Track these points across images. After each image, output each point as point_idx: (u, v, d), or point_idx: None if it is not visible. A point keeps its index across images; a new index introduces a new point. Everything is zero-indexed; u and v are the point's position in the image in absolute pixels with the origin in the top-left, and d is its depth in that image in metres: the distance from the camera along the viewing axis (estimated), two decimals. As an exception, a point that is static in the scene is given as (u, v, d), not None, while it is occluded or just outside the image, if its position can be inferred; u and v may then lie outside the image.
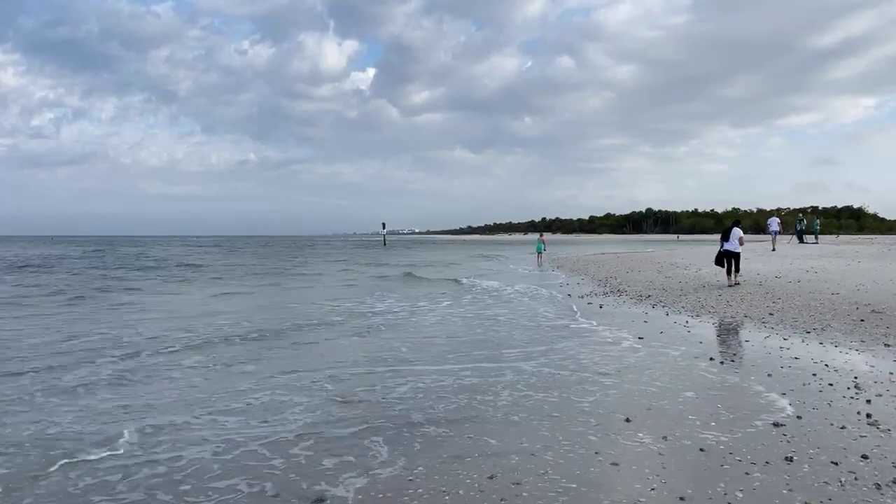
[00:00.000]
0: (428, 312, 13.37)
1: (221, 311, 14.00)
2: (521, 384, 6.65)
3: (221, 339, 9.79)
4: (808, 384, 6.28)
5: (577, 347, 8.73)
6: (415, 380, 6.98)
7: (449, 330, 10.88)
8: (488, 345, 9.21)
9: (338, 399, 6.16)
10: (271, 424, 5.38)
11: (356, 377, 7.14)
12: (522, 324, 11.30)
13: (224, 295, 18.18)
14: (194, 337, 10.07)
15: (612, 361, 7.72)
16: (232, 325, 11.46)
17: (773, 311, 11.46)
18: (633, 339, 9.22)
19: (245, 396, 6.29)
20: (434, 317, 12.69)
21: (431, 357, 8.35)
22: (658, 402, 5.80)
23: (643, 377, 6.82)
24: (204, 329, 10.97)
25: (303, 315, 13.04)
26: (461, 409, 5.77)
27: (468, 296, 16.90)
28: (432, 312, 13.37)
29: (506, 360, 8.05)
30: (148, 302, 16.05)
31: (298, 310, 14.19)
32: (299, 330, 10.83)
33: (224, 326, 11.35)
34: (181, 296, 18.01)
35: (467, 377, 7.08)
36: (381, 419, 5.47)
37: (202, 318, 12.51)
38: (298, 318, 12.53)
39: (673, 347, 8.53)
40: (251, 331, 10.71)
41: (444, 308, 14.16)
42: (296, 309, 14.40)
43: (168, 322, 11.95)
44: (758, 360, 7.52)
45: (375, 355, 8.44)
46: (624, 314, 12.15)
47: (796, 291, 13.69)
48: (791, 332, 9.39)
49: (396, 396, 6.26)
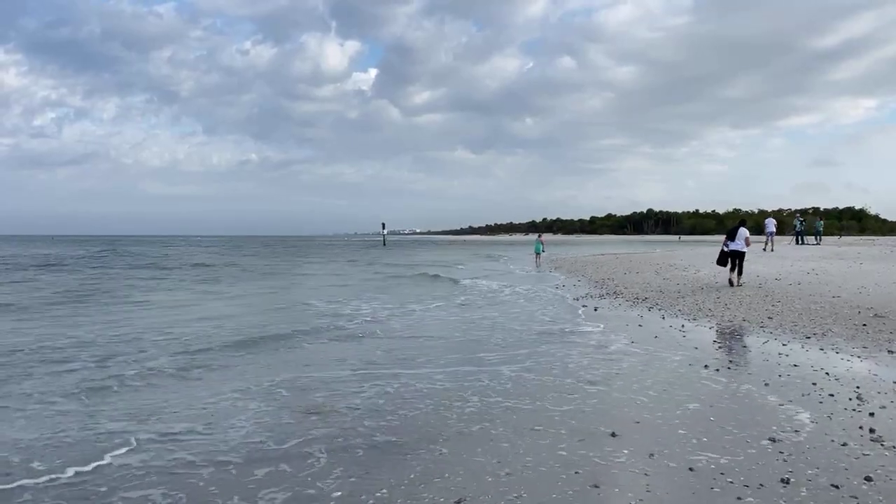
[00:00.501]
0: (414, 314, 13.02)
1: (209, 314, 13.66)
2: (495, 390, 6.29)
3: (202, 344, 9.45)
4: (807, 394, 5.92)
5: (566, 352, 8.37)
6: (384, 384, 6.69)
7: (434, 332, 10.54)
8: (471, 347, 8.85)
9: (296, 408, 5.80)
10: (214, 433, 5.08)
11: (323, 383, 6.78)
12: (511, 326, 10.94)
13: (216, 295, 17.84)
14: (172, 342, 9.74)
15: (602, 368, 7.36)
16: (215, 328, 11.12)
17: (773, 314, 11.10)
18: (626, 344, 8.86)
19: (199, 404, 5.98)
20: (419, 318, 12.35)
21: (408, 360, 8.02)
22: (648, 414, 5.45)
23: (634, 385, 6.47)
24: (184, 333, 10.63)
25: (291, 318, 12.70)
26: (422, 417, 5.41)
27: (461, 297, 16.54)
28: (419, 314, 13.01)
29: (487, 363, 7.70)
30: (147, 302, 15.71)
31: (288, 312, 13.84)
32: (282, 334, 10.48)
33: (209, 330, 11.01)
34: (172, 296, 17.66)
35: (440, 381, 6.76)
36: (332, 428, 5.16)
37: (188, 322, 12.17)
38: (285, 321, 12.19)
39: (667, 353, 8.17)
40: (235, 334, 10.36)
41: (433, 309, 13.80)
42: (285, 310, 14.05)
43: (150, 322, 11.61)
44: (755, 368, 7.16)
45: (352, 359, 8.09)
46: (619, 317, 11.79)
47: (796, 294, 13.33)
48: (790, 337, 9.03)
49: (356, 404, 5.91)
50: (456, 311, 13.43)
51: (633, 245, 75.64)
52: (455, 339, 9.74)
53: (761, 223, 30.95)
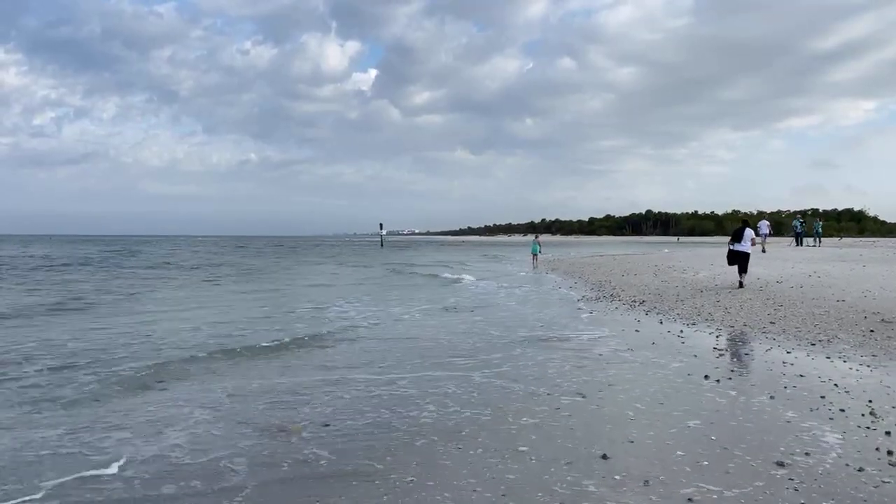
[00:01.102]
0: (395, 316, 12.56)
1: (192, 318, 13.20)
2: (473, 402, 5.84)
3: (171, 353, 8.99)
4: (815, 409, 5.47)
5: (557, 360, 7.89)
6: (336, 390, 6.41)
7: (411, 333, 10.16)
8: (452, 352, 8.38)
9: (236, 420, 5.34)
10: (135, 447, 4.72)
11: (274, 392, 6.31)
12: (495, 332, 10.47)
13: (205, 298, 17.38)
14: (141, 349, 9.28)
15: (595, 378, 6.90)
16: (192, 333, 10.65)
17: (775, 319, 10.65)
18: (622, 351, 8.40)
19: (129, 417, 5.56)
20: (400, 320, 11.92)
21: (375, 364, 7.62)
22: (643, 431, 4.99)
23: (628, 398, 6.01)
24: (160, 339, 10.16)
25: (272, 322, 12.23)
26: (367, 428, 4.96)
27: (451, 299, 16.07)
28: (400, 316, 12.55)
29: (461, 369, 7.27)
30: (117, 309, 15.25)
31: (271, 315, 13.38)
32: (254, 342, 10.01)
33: (185, 336, 10.54)
34: (158, 298, 17.19)
35: (403, 388, 6.35)
36: (258, 438, 4.72)
37: (166, 327, 11.71)
38: (266, 325, 11.73)
39: (664, 361, 7.72)
40: (209, 339, 9.90)
41: (417, 311, 13.36)
42: (269, 315, 13.59)
43: (127, 329, 11.14)
44: (758, 378, 6.71)
45: (319, 365, 7.63)
46: (615, 322, 11.34)
47: (799, 298, 12.88)
48: (795, 344, 8.58)
49: (300, 411, 5.46)
50: (444, 315, 12.98)
51: (631, 246, 75.19)
52: (437, 344, 9.28)
53: (754, 225, 30.70)
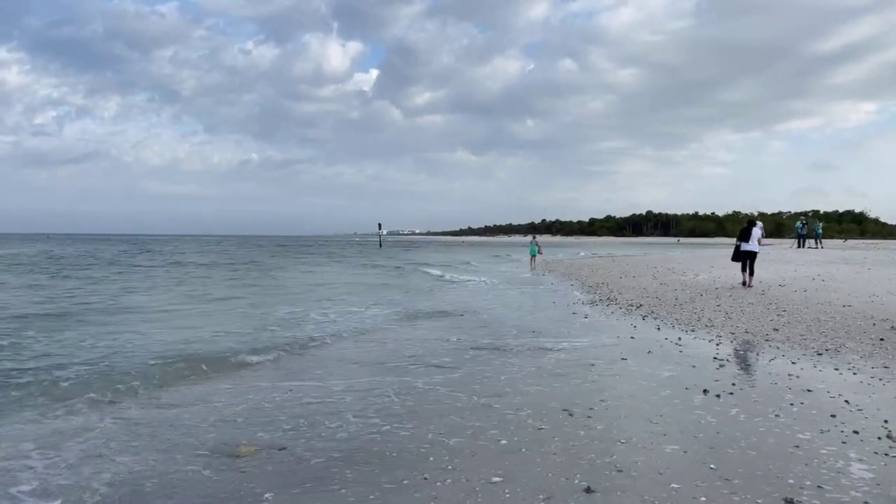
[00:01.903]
0: (370, 317, 12.03)
1: (165, 324, 12.66)
2: (424, 419, 5.29)
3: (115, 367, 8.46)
4: (826, 431, 4.93)
5: (544, 373, 7.36)
6: (258, 397, 6.06)
7: (378, 336, 9.59)
8: (423, 360, 7.84)
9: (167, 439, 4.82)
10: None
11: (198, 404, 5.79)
12: (478, 339, 9.93)
13: (189, 300, 16.86)
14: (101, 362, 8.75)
15: (585, 392, 6.35)
16: (144, 342, 10.13)
17: (778, 325, 10.11)
18: (615, 362, 7.86)
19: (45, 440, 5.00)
20: (374, 322, 11.49)
21: (323, 368, 7.05)
22: (633, 457, 4.44)
23: (618, 416, 5.46)
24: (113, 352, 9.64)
25: (243, 327, 11.70)
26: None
27: (438, 300, 15.54)
28: (373, 317, 12.03)
29: (430, 381, 6.71)
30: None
31: (245, 320, 12.85)
32: (212, 350, 9.48)
33: (140, 347, 10.01)
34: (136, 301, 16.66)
35: (370, 403, 5.77)
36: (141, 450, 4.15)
37: (128, 336, 11.18)
38: (234, 331, 11.19)
39: (660, 373, 7.18)
40: (164, 348, 9.38)
41: (389, 312, 12.85)
42: (243, 319, 13.06)
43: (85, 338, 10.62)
44: (762, 393, 6.16)
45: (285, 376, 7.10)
46: (610, 328, 10.80)
47: (803, 302, 12.34)
48: (800, 354, 8.05)
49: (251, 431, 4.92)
50: (428, 319, 12.44)
51: (631, 247, 74.63)
52: (417, 353, 8.74)
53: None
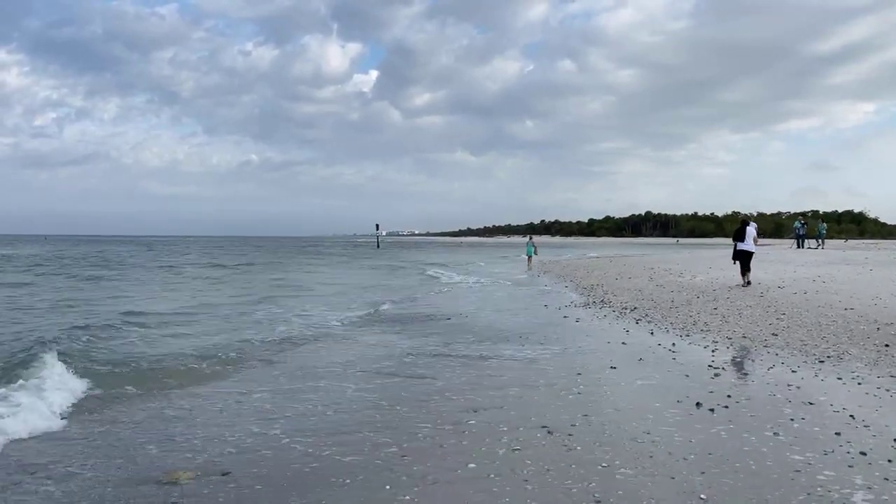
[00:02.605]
0: (357, 324, 11.55)
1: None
2: (392, 434, 4.80)
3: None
4: (830, 452, 4.44)
5: (527, 384, 6.88)
6: (202, 414, 5.69)
7: (345, 345, 9.12)
8: (398, 370, 7.36)
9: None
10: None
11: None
12: (459, 345, 9.45)
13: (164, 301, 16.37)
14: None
15: (568, 407, 5.87)
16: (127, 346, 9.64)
17: (777, 330, 9.63)
18: (603, 369, 7.37)
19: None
20: (347, 327, 10.96)
21: (259, 379, 6.57)
22: (614, 487, 3.96)
23: (602, 436, 4.98)
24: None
25: (212, 330, 11.22)
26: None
27: (427, 306, 15.07)
28: (349, 320, 11.55)
29: (402, 389, 6.23)
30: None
31: (219, 321, 12.38)
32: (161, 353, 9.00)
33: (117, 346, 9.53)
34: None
35: (329, 424, 5.29)
36: None
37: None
38: (197, 335, 10.71)
39: (651, 383, 6.70)
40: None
41: (364, 314, 12.36)
42: (216, 321, 12.59)
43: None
44: (759, 407, 5.68)
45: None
46: (600, 332, 10.32)
47: (803, 305, 11.86)
48: (800, 361, 7.57)
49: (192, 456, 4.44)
50: (412, 323, 11.96)
51: (629, 248, 74.17)
52: (396, 362, 8.26)
53: (762, 227, 30.03)
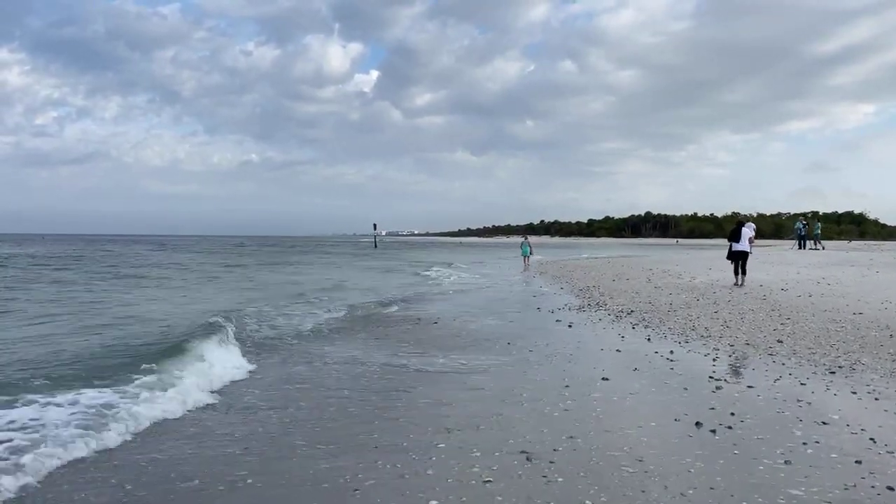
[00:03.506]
0: (321, 322, 10.93)
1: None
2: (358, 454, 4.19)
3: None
4: (852, 486, 3.83)
5: (506, 393, 6.27)
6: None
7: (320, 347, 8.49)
8: (369, 383, 6.75)
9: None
10: None
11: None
12: (436, 355, 8.84)
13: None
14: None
15: (549, 424, 5.26)
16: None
17: (783, 336, 9.02)
18: (594, 381, 6.75)
19: None
20: (321, 328, 10.32)
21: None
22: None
23: (588, 460, 4.36)
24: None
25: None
26: None
27: (409, 306, 14.44)
28: (325, 322, 10.93)
29: (371, 402, 5.60)
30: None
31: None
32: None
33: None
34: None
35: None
36: None
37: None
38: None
39: (647, 397, 6.09)
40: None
41: (343, 316, 11.74)
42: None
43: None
44: (767, 427, 5.07)
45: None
46: (593, 338, 9.71)
47: (808, 309, 11.26)
48: (809, 371, 6.95)
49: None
50: (396, 326, 11.34)
51: (629, 248, 73.53)
52: (354, 370, 7.64)
53: (762, 227, 29.38)
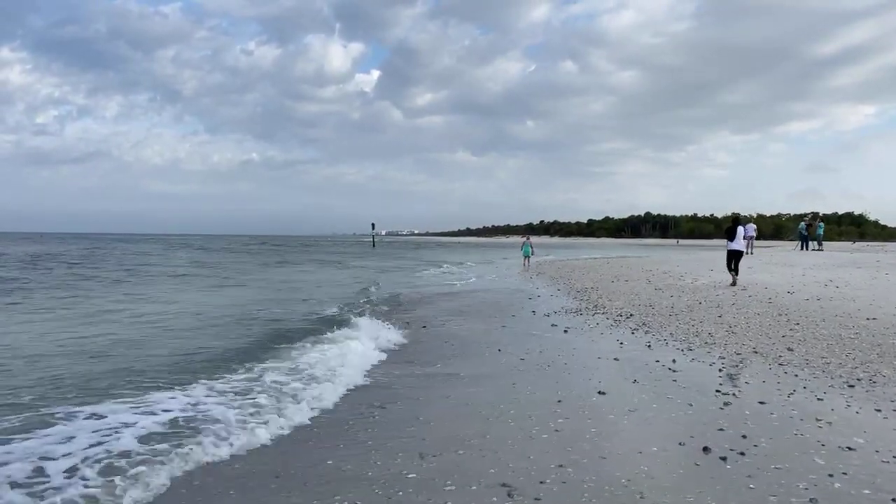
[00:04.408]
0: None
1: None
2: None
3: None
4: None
5: (489, 408, 5.64)
6: None
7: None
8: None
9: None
10: None
11: None
12: (415, 367, 8.22)
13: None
14: None
15: (536, 449, 4.63)
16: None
17: (793, 343, 8.39)
18: (590, 396, 6.13)
19: None
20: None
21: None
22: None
23: (578, 495, 3.74)
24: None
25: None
26: None
27: (396, 309, 13.83)
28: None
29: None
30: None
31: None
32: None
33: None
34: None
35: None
36: None
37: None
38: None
39: (648, 415, 5.45)
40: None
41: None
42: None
43: None
44: (784, 453, 4.44)
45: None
46: (590, 344, 9.08)
47: (818, 314, 10.62)
48: (825, 384, 6.32)
49: None
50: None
51: (629, 249, 72.87)
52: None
53: (761, 228, 28.99)
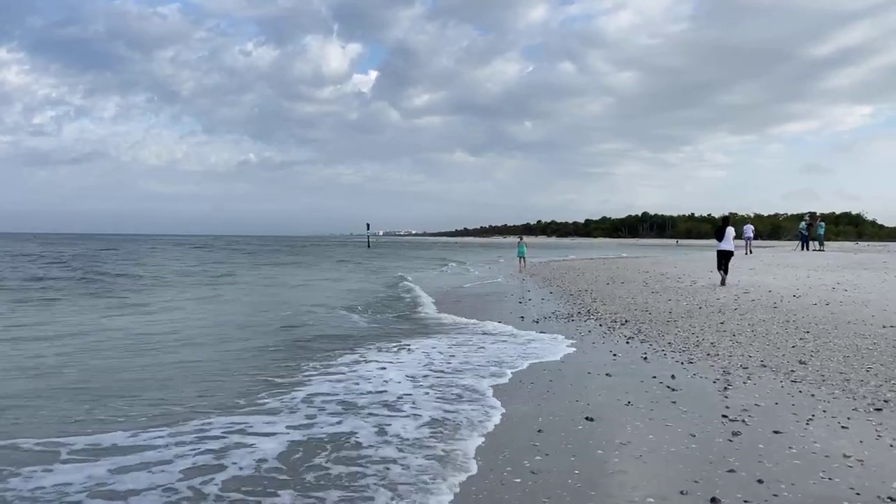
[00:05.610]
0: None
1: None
2: None
3: None
4: None
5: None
6: None
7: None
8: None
9: None
10: None
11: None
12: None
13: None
14: None
15: (507, 491, 3.77)
16: None
17: (804, 355, 7.54)
18: (575, 421, 5.27)
19: None
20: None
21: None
22: None
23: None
24: None
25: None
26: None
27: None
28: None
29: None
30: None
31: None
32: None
33: None
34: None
35: None
36: None
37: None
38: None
39: (643, 448, 4.60)
40: None
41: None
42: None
43: None
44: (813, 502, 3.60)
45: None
46: (580, 356, 8.23)
47: (828, 320, 9.79)
48: (849, 408, 5.46)
49: None
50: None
51: (626, 249, 72.07)
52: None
53: (757, 229, 28.40)
